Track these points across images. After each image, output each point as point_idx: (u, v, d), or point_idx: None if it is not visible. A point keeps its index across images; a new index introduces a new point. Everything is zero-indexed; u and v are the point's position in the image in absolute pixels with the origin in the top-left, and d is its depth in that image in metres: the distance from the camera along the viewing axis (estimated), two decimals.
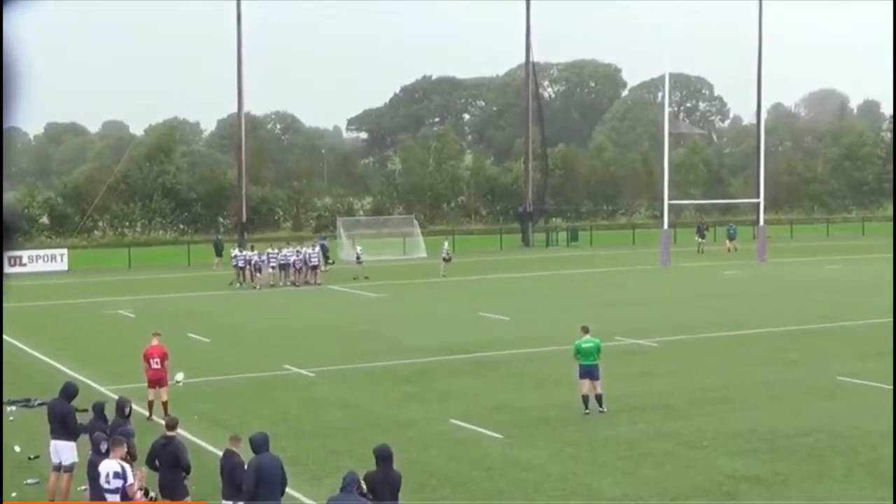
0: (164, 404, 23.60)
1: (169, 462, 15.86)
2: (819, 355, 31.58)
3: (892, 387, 26.12)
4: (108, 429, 16.90)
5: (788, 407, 24.54)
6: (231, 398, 26.63)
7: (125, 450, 15.29)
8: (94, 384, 27.68)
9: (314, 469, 19.42)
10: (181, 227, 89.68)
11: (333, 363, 31.23)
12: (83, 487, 17.65)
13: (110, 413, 17.72)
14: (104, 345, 36.04)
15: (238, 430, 17.70)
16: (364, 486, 13.77)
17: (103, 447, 15.64)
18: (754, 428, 22.39)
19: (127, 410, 17.66)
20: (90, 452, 15.93)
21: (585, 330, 24.54)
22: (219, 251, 62.49)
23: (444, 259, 58.05)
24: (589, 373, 23.94)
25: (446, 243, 60.57)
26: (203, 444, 21.34)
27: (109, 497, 14.81)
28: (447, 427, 23.05)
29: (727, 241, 71.68)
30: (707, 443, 21.22)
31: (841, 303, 44.06)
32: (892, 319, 34.54)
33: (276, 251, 54.53)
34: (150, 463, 16.08)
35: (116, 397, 19.37)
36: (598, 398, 23.91)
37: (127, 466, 14.98)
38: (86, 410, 18.16)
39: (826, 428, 22.33)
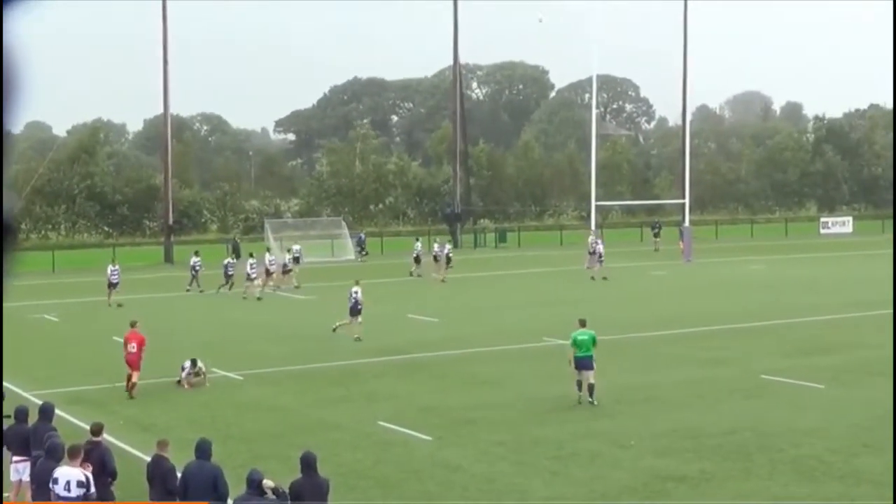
0: (132, 384, 26.49)
1: (95, 467, 15.66)
2: (743, 354, 31.94)
3: (817, 385, 26.68)
4: (32, 433, 16.71)
5: (714, 406, 24.82)
6: (157, 402, 26.39)
7: (82, 457, 14.98)
8: (17, 389, 27.23)
9: (241, 473, 19.19)
10: (106, 229, 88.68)
11: (261, 366, 31.05)
12: None
13: (32, 419, 17.47)
14: (28, 350, 35.47)
15: (165, 435, 17.52)
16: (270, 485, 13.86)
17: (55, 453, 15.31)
18: (680, 427, 22.60)
19: (51, 416, 17.49)
20: (40, 457, 15.41)
21: (582, 323, 25.21)
22: (237, 253, 59.39)
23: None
24: (583, 364, 24.40)
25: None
26: (129, 448, 21.11)
27: None
28: (375, 429, 23.01)
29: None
30: (634, 442, 21.37)
31: (765, 302, 44.58)
32: (817, 318, 35.05)
33: (232, 259, 53.38)
34: None
35: (40, 402, 19.11)
36: (590, 388, 24.36)
37: (90, 476, 14.63)
38: (9, 416, 17.87)
39: (751, 426, 22.59)
